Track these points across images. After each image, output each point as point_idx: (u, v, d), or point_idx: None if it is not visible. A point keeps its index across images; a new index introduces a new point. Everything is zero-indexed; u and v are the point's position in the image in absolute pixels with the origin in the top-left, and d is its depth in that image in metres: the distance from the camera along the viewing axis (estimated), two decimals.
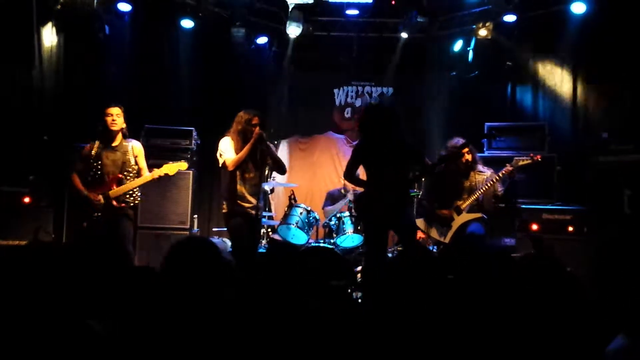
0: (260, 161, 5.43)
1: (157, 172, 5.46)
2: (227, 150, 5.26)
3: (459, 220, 5.62)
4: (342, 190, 7.42)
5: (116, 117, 5.40)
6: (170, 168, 5.54)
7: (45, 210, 6.70)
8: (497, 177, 5.59)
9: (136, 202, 5.56)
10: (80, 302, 2.17)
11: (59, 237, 6.61)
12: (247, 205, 5.32)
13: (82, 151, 5.50)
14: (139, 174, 5.50)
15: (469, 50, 8.19)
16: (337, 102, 9.26)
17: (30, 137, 7.10)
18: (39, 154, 7.04)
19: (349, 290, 5.59)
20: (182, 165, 5.66)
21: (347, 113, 9.23)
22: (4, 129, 6.89)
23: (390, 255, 6.56)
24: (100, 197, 5.28)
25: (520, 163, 5.59)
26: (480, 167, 5.80)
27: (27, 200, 6.66)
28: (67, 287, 2.20)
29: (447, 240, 5.63)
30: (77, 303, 2.15)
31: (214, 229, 7.98)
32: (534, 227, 6.41)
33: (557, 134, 7.33)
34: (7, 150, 6.89)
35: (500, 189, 5.65)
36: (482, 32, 7.77)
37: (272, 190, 7.37)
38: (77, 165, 5.44)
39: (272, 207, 8.22)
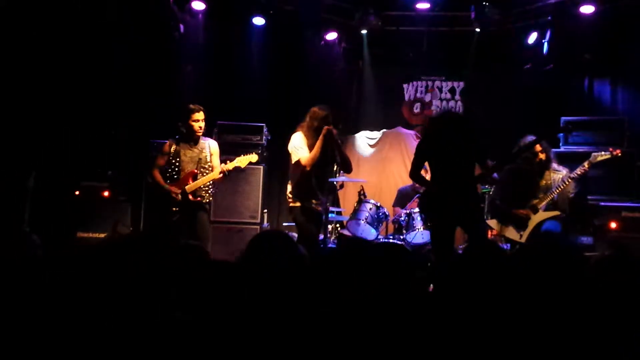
0: (330, 157, 5.45)
1: (230, 165, 5.58)
2: (301, 147, 5.30)
3: (535, 219, 5.48)
4: (414, 188, 7.37)
5: (202, 121, 5.53)
6: (242, 160, 5.65)
7: (124, 204, 6.97)
8: (574, 176, 5.41)
9: (210, 198, 5.71)
10: (161, 295, 2.24)
11: (137, 230, 6.85)
12: (315, 200, 5.36)
13: (162, 148, 5.67)
14: (212, 171, 5.63)
15: (544, 43, 7.95)
16: (407, 97, 9.18)
17: (109, 133, 7.39)
18: (118, 150, 7.32)
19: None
20: (253, 157, 5.75)
21: (417, 108, 9.14)
22: (84, 126, 7.21)
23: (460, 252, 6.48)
24: (179, 192, 5.44)
25: (599, 158, 5.40)
26: (555, 165, 5.64)
27: (106, 194, 6.95)
28: (147, 279, 2.27)
29: (524, 239, 5.48)
30: (157, 295, 2.22)
31: (284, 224, 8.07)
32: (613, 225, 6.17)
33: (637, 129, 7.04)
34: (87, 146, 7.20)
35: (572, 191, 5.47)
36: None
37: (341, 186, 7.37)
38: (159, 161, 5.62)
39: (341, 203, 8.23)
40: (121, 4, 7.31)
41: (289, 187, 5.55)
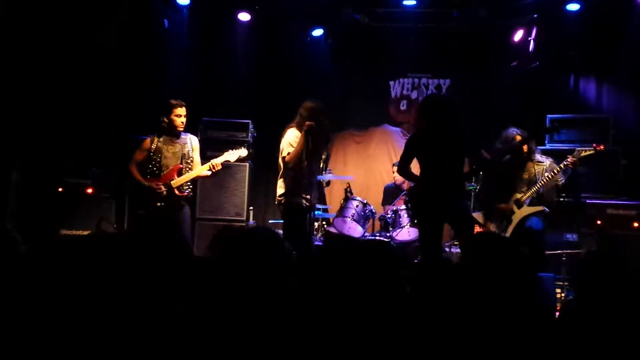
0: (315, 153, 5.44)
1: (219, 160, 5.54)
2: (293, 145, 5.27)
3: (519, 213, 5.49)
4: (394, 184, 7.39)
5: (184, 117, 5.49)
6: (231, 155, 5.63)
7: (108, 201, 6.91)
8: (559, 169, 5.44)
9: (191, 194, 5.68)
10: (143, 290, 2.21)
11: (121, 227, 6.79)
12: (303, 196, 5.34)
13: (142, 143, 5.60)
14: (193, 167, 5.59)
15: (530, 40, 7.97)
16: (393, 95, 9.16)
17: (92, 130, 7.32)
18: (101, 146, 7.25)
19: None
20: (243, 152, 5.75)
21: (403, 105, 9.12)
22: (67, 122, 7.13)
23: (447, 249, 6.49)
24: (162, 186, 5.39)
25: (583, 154, 5.42)
26: (538, 157, 5.65)
27: (90, 191, 6.88)
28: (129, 275, 2.24)
29: (507, 234, 5.50)
30: (140, 291, 2.19)
31: (270, 221, 8.03)
32: (598, 222, 6.21)
33: (622, 127, 7.09)
34: (70, 143, 7.13)
35: (561, 179, 5.48)
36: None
37: (327, 183, 7.36)
38: (137, 156, 5.55)
39: (327, 200, 8.21)
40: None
41: (279, 183, 5.53)
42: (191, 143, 5.62)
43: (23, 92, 6.69)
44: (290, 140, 5.31)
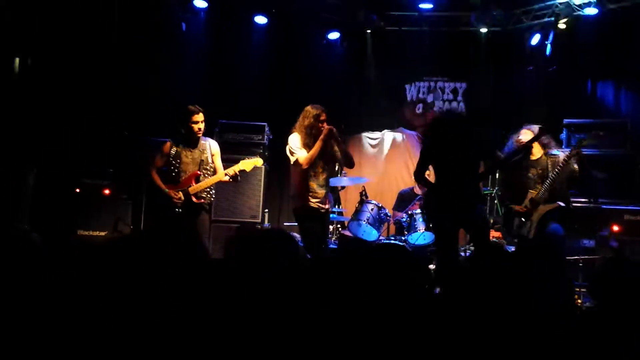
0: (330, 156, 5.44)
1: (235, 168, 5.52)
2: (298, 149, 5.28)
3: (537, 213, 5.37)
4: (414, 190, 7.37)
5: (201, 123, 5.45)
6: (247, 164, 5.59)
7: (124, 202, 6.95)
8: (566, 158, 5.24)
9: (212, 199, 5.64)
10: (161, 294, 2.22)
11: (137, 228, 6.83)
12: (316, 200, 5.35)
13: (162, 148, 5.57)
14: (214, 172, 5.56)
15: (547, 44, 7.93)
16: (409, 98, 9.15)
17: (110, 132, 7.38)
18: (118, 148, 7.30)
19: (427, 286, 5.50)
20: (258, 161, 5.72)
21: (419, 109, 9.11)
22: (85, 124, 7.20)
23: (462, 254, 6.46)
24: (181, 194, 5.37)
25: (584, 142, 5.29)
26: (552, 150, 5.48)
27: (107, 192, 6.93)
28: (146, 278, 2.25)
29: (531, 236, 5.35)
30: (157, 294, 2.21)
31: (285, 224, 8.05)
32: (615, 228, 6.15)
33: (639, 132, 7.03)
34: (88, 143, 7.19)
35: (577, 170, 5.31)
36: (561, 26, 7.55)
37: (342, 187, 7.37)
38: (157, 162, 5.52)
39: (342, 203, 8.21)
40: (123, 2, 7.30)
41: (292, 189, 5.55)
42: (210, 148, 5.57)
43: (41, 94, 6.76)
44: (293, 145, 5.32)
